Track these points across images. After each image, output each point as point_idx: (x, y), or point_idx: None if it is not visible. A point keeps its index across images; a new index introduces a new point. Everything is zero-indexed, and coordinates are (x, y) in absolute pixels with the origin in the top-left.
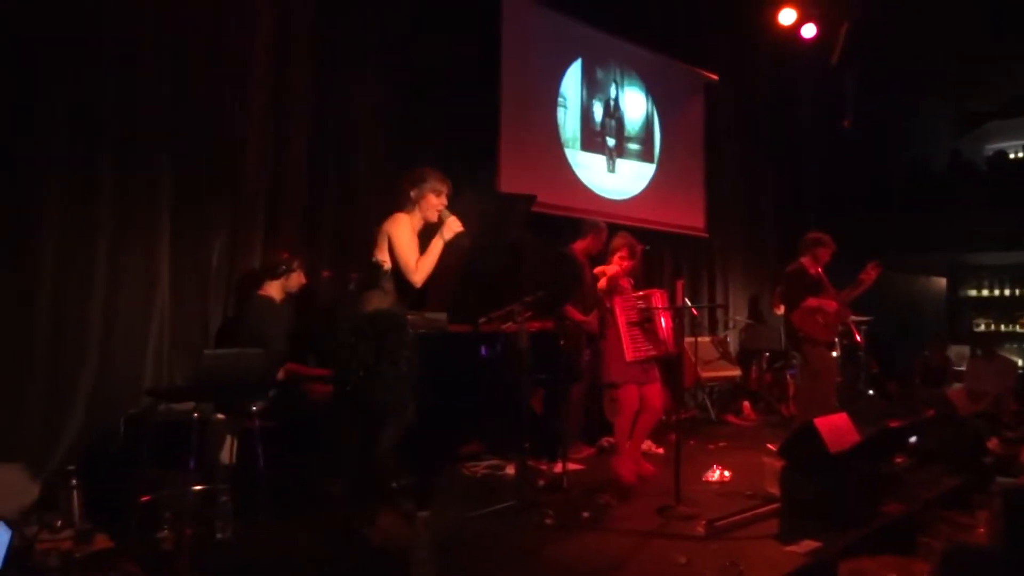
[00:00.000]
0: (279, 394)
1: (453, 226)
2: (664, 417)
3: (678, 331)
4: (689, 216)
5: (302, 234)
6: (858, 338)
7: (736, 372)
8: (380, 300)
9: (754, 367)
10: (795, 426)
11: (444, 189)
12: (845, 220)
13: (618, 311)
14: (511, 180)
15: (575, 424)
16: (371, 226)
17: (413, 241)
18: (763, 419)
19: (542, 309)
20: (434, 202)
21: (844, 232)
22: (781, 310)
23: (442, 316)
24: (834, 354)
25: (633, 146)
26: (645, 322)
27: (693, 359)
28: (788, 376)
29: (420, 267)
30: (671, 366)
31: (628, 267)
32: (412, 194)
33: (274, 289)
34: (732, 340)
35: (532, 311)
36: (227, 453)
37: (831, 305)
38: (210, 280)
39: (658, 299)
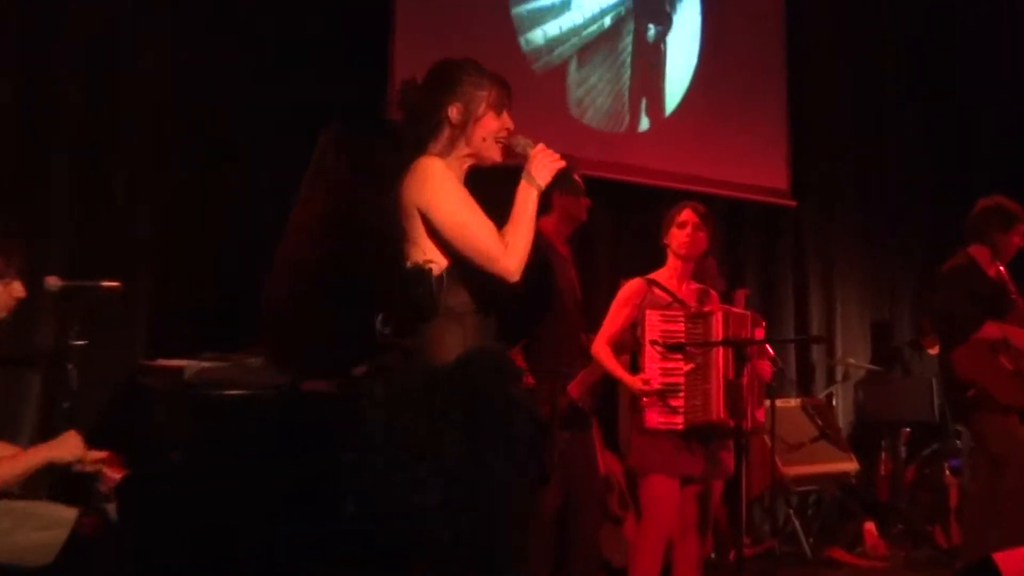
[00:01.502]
0: None
1: (545, 160)
2: (712, 552)
3: (749, 390)
4: (757, 167)
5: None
6: None
7: (850, 465)
8: (451, 336)
9: (883, 455)
10: (961, 566)
11: (507, 97)
12: None
13: (645, 338)
14: None
15: (547, 568)
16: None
17: (470, 201)
18: (900, 553)
19: None
20: (494, 125)
21: None
22: (934, 347)
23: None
24: None
25: (652, 32)
26: (690, 365)
27: (768, 441)
28: (947, 471)
29: (513, 246)
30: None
31: (691, 239)
32: (451, 113)
33: None
34: (842, 404)
35: None
36: None
37: None
38: None
39: (719, 324)
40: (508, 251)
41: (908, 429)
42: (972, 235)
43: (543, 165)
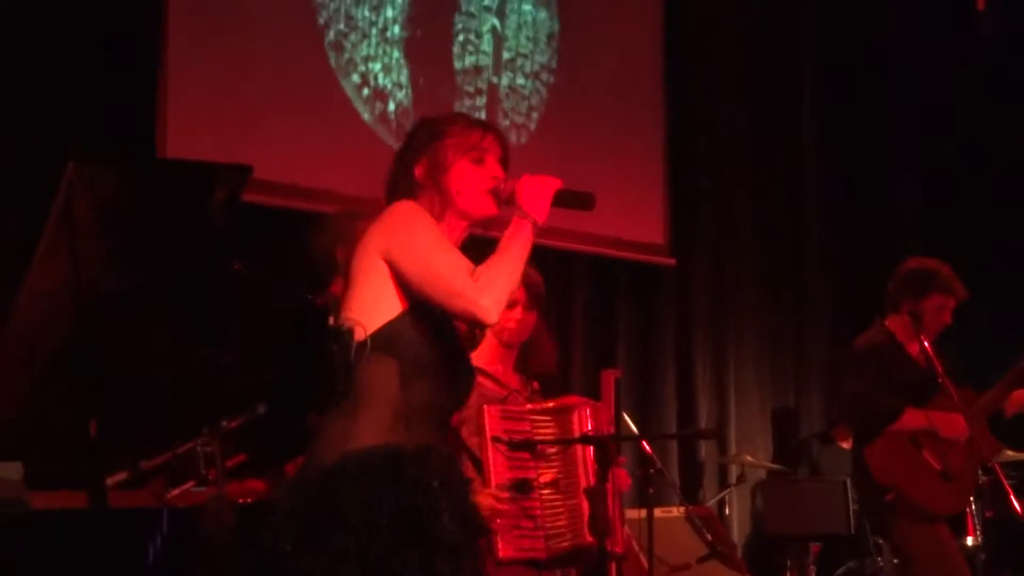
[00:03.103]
0: None
1: (535, 187)
2: None
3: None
4: (627, 217)
5: None
6: (1017, 506)
7: None
8: (353, 426)
9: (789, 575)
10: None
11: (489, 141)
12: (983, 229)
13: (488, 436)
14: (190, 134)
15: None
16: None
17: (444, 239)
18: None
19: (272, 447)
20: (470, 174)
21: (982, 257)
22: (849, 441)
23: (12, 471)
24: (968, 541)
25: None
26: (548, 475)
27: (644, 561)
28: None
29: (487, 280)
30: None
31: (519, 325)
32: (417, 172)
33: None
34: (737, 513)
35: (249, 452)
36: None
37: (954, 425)
38: None
39: (582, 418)
40: (480, 286)
41: (818, 543)
42: (888, 304)
43: (534, 193)
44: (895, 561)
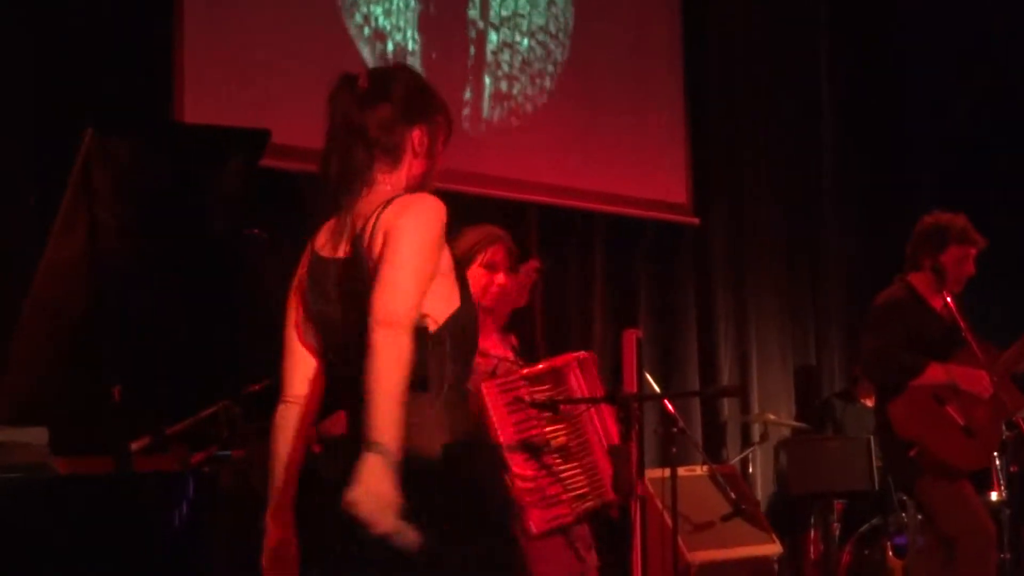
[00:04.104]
0: None
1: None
2: None
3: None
4: (649, 176)
5: None
6: None
7: (772, 547)
8: (433, 418)
9: (813, 534)
10: None
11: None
12: (1002, 184)
13: (492, 412)
14: (208, 97)
15: None
16: None
17: (435, 258)
18: None
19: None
20: (438, 167)
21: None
22: (871, 399)
23: (37, 436)
24: (992, 496)
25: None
26: (555, 436)
27: (669, 520)
28: (890, 551)
29: (402, 338)
30: (614, 531)
31: (502, 290)
32: (415, 138)
33: None
34: (761, 471)
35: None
36: None
37: (977, 379)
38: None
39: (576, 375)
40: (405, 329)
41: (842, 501)
42: (909, 264)
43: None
44: (919, 517)
